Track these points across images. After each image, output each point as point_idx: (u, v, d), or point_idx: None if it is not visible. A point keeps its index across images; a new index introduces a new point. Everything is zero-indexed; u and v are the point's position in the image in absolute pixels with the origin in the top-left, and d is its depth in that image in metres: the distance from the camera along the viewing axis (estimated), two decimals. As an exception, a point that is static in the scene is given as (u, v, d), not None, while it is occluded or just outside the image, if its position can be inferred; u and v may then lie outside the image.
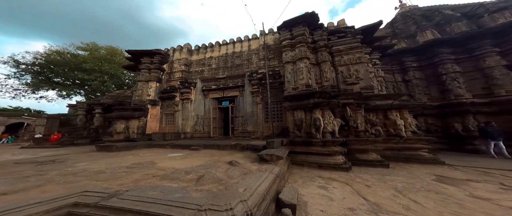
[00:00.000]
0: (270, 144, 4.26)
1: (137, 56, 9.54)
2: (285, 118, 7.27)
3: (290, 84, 6.53)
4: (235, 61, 9.78)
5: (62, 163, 3.76)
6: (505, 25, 8.00)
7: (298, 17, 6.61)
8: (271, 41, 9.11)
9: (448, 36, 9.52)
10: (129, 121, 7.72)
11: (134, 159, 4.05)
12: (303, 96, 5.11)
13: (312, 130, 4.45)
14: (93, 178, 2.40)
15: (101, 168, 3.04)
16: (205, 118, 9.64)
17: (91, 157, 4.47)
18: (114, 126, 7.71)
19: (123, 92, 17.05)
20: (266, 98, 7.89)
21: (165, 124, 9.64)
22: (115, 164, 3.41)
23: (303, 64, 6.22)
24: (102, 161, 3.82)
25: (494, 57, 8.40)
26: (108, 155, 4.94)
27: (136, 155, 4.67)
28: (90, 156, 4.70)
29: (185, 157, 4.23)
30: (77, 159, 4.23)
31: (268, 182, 2.22)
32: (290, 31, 6.99)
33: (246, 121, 8.59)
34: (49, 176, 2.57)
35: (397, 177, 3.36)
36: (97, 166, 3.29)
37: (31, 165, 3.48)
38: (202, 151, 5.13)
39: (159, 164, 3.32)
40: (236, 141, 6.74)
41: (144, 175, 2.51)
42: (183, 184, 2.11)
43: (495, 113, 7.49)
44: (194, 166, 3.09)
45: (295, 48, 6.73)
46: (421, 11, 12.20)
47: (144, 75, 9.15)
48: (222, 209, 1.43)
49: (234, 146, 5.27)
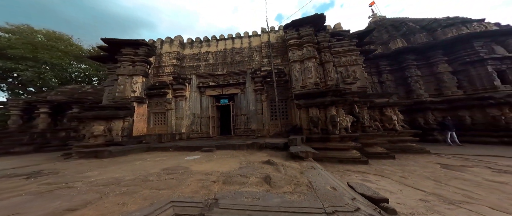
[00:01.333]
0: (292, 141, 4.07)
1: (115, 47, 7.78)
2: (292, 116, 7.21)
3: (298, 82, 6.46)
4: (235, 58, 9.13)
5: (60, 174, 2.86)
6: (452, 39, 9.86)
7: (306, 18, 6.55)
8: (273, 39, 8.85)
9: (412, 45, 11.20)
10: (111, 122, 6.23)
11: (153, 164, 3.36)
12: (317, 94, 5.09)
13: (329, 127, 4.48)
14: (147, 187, 1.96)
15: (132, 176, 2.47)
16: (202, 116, 8.74)
17: (88, 166, 3.45)
18: (88, 128, 6.09)
19: (80, 87, 13.91)
20: (271, 96, 7.64)
21: (153, 124, 8.28)
22: (141, 171, 2.79)
23: (311, 63, 6.22)
24: (113, 168, 3.08)
25: (443, 64, 10.28)
26: (104, 162, 3.90)
27: (148, 160, 3.85)
28: (81, 165, 3.62)
29: (209, 159, 3.65)
30: (70, 168, 3.25)
31: (336, 179, 2.02)
32: (297, 30, 6.88)
33: (249, 119, 8.17)
34: (85, 189, 2.01)
35: (412, 167, 3.68)
36: (120, 174, 2.66)
37: (22, 180, 2.60)
38: (218, 152, 4.55)
39: (193, 168, 2.82)
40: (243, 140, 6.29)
41: (200, 181, 2.11)
42: (259, 187, 1.80)
43: (446, 109, 9.22)
44: (235, 168, 2.71)
45: (302, 48, 6.67)
46: (390, 22, 14.00)
47: (127, 69, 7.56)
48: (349, 210, 1.22)
49: (251, 145, 4.87)
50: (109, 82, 8.90)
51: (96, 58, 9.17)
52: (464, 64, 9.62)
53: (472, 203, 2.11)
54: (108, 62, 9.16)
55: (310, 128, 4.95)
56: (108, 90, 8.78)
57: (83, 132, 6.12)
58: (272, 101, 7.70)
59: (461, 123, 8.18)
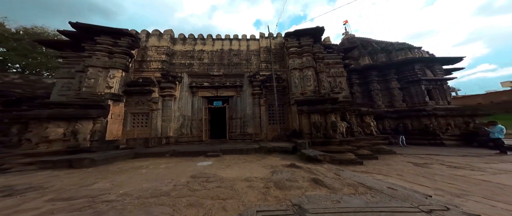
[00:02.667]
0: (301, 145, 4.19)
1: (87, 33, 6.12)
2: (289, 120, 7.40)
3: (298, 89, 6.73)
4: (232, 59, 8.73)
5: (57, 189, 2.19)
6: (401, 61, 12.48)
7: (308, 29, 6.95)
8: (273, 45, 8.96)
9: (375, 63, 13.60)
10: (75, 123, 4.75)
11: (168, 172, 2.89)
12: (318, 101, 5.43)
13: (330, 131, 4.85)
14: (206, 197, 1.75)
15: (166, 186, 2.12)
16: (194, 119, 7.89)
17: (77, 178, 2.70)
18: (37, 130, 4.48)
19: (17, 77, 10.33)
20: (270, 100, 7.66)
21: (131, 126, 6.87)
22: (166, 180, 2.40)
23: (310, 72, 6.61)
24: (123, 179, 2.54)
25: (394, 81, 12.87)
26: (95, 172, 3.10)
27: (151, 168, 3.29)
28: (58, 177, 2.75)
29: (227, 164, 3.35)
30: (55, 182, 2.48)
31: (372, 179, 2.16)
32: (298, 40, 7.21)
33: (246, 122, 7.91)
34: (136, 203, 1.64)
35: (397, 166, 4.33)
36: (146, 184, 2.26)
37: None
38: (227, 157, 4.20)
39: (224, 175, 2.55)
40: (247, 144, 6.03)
41: (251, 187, 1.94)
42: (319, 190, 1.77)
43: (395, 118, 11.52)
44: (267, 172, 2.62)
45: (302, 57, 7.02)
46: (359, 40, 16.59)
47: (101, 60, 6.03)
48: (442, 209, 1.28)
49: (259, 149, 4.71)
50: (62, 73, 6.91)
51: (49, 43, 6.94)
52: (407, 83, 12.32)
53: (469, 195, 2.37)
54: (65, 50, 7.11)
55: (311, 132, 5.21)
56: (62, 83, 6.78)
57: (28, 135, 4.43)
58: (270, 105, 7.73)
59: (406, 129, 10.40)
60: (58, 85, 6.73)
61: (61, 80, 6.79)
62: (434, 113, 9.78)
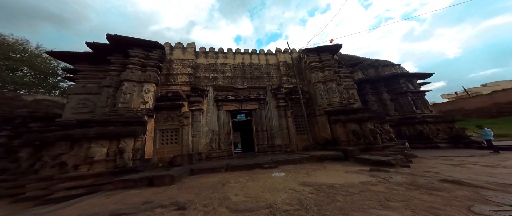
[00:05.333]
0: (353, 152, 4.71)
1: (118, 45, 6.00)
2: (315, 130, 7.98)
3: (324, 100, 7.50)
4: (254, 73, 9.26)
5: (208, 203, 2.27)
6: (389, 75, 14.77)
7: (327, 46, 8.09)
8: (289, 60, 9.87)
9: (368, 77, 15.76)
10: (118, 142, 4.41)
11: (260, 185, 2.99)
12: (349, 111, 6.20)
13: (370, 138, 5.54)
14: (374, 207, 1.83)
15: (304, 197, 2.24)
16: (221, 133, 7.85)
17: (188, 192, 2.73)
18: (78, 151, 4.04)
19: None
20: (296, 112, 8.22)
21: (160, 143, 6.49)
22: (289, 193, 2.50)
23: (334, 84, 7.53)
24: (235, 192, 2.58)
25: (385, 93, 15.00)
26: (188, 188, 3.09)
27: (233, 183, 3.26)
28: (178, 192, 2.72)
29: (306, 173, 3.56)
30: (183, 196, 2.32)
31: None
32: (318, 55, 8.24)
33: (273, 134, 8.20)
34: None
35: (443, 166, 4.77)
36: (268, 195, 2.39)
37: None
38: (288, 167, 4.46)
39: (327, 182, 2.81)
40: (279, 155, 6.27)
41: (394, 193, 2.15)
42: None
43: (393, 126, 13.21)
44: (365, 177, 2.86)
45: (324, 70, 7.98)
46: (347, 57, 19.06)
47: (136, 74, 5.86)
48: None
49: (310, 158, 5.05)
50: (77, 88, 6.40)
51: (62, 55, 6.44)
52: (396, 94, 14.52)
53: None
54: (79, 63, 6.70)
55: (349, 140, 5.82)
56: (77, 100, 6.23)
57: (64, 158, 3.94)
58: (296, 117, 8.28)
59: (402, 135, 12.04)
60: (72, 102, 6.12)
61: (76, 96, 6.22)
62: (425, 120, 11.64)
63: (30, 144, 4.52)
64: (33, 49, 16.71)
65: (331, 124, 6.64)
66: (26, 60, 15.55)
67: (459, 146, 9.88)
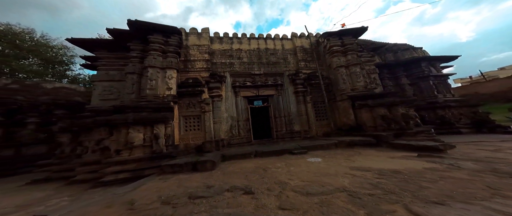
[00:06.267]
0: (387, 137, 4.67)
1: (137, 31, 5.85)
2: (336, 116, 7.91)
3: (346, 85, 7.27)
4: (270, 58, 8.98)
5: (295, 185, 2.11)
6: (410, 60, 13.93)
7: (351, 29, 7.56)
8: (306, 44, 9.42)
9: (387, 62, 14.94)
10: (152, 128, 4.58)
11: (312, 169, 3.01)
12: (378, 95, 6.00)
13: (401, 123, 5.43)
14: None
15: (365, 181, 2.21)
16: (239, 119, 7.95)
17: (240, 177, 2.60)
18: (118, 137, 4.25)
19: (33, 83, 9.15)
20: (316, 98, 8.09)
21: (184, 130, 6.72)
22: (335, 176, 2.49)
23: (358, 69, 7.21)
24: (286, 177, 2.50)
25: (404, 78, 14.31)
26: (231, 173, 3.17)
27: (280, 168, 3.32)
28: (229, 177, 2.78)
29: (347, 159, 3.59)
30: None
31: None
32: (341, 39, 7.77)
33: (292, 120, 8.22)
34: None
35: (484, 153, 4.80)
36: (327, 179, 2.28)
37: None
38: (319, 153, 4.51)
39: (386, 168, 2.71)
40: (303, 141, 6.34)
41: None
42: None
43: (416, 110, 12.80)
44: (422, 166, 2.79)
45: (346, 55, 7.59)
46: (362, 41, 17.91)
47: (158, 60, 5.81)
48: None
49: (338, 144, 5.08)
50: (101, 75, 6.48)
51: (81, 42, 6.40)
52: (416, 79, 13.83)
53: None
54: (99, 50, 6.66)
55: (376, 125, 5.75)
56: (102, 87, 6.36)
57: (107, 143, 4.17)
58: (316, 102, 8.17)
59: (423, 120, 11.72)
60: (98, 89, 6.27)
61: (100, 83, 6.35)
62: (447, 104, 11.18)
63: (68, 129, 4.78)
64: (39, 38, 16.56)
65: (355, 109, 6.51)
66: (33, 49, 15.56)
67: (482, 131, 9.57)
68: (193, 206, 1.90)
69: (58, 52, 17.33)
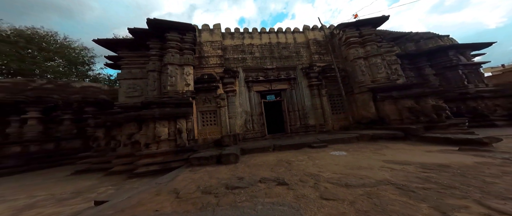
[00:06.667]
0: (417, 130, 4.37)
1: (155, 29, 6.08)
2: (354, 109, 7.59)
3: (365, 77, 6.90)
4: (282, 52, 8.81)
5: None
6: (435, 48, 12.77)
7: (370, 19, 7.09)
8: (320, 37, 9.07)
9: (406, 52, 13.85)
10: (175, 123, 4.81)
11: (342, 162, 2.92)
12: (403, 86, 5.61)
13: (432, 115, 5.04)
14: None
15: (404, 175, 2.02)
16: (253, 114, 8.00)
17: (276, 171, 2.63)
18: (146, 131, 4.53)
19: (27, 82, 9.71)
20: (331, 91, 7.83)
21: (202, 125, 6.95)
22: (369, 169, 2.34)
23: (379, 60, 6.78)
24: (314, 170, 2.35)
25: (428, 68, 13.17)
26: (256, 165, 3.17)
27: (325, 159, 3.30)
28: (258, 169, 2.76)
29: (376, 152, 3.45)
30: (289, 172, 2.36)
31: None
32: (358, 29, 7.34)
33: (306, 114, 8.07)
34: None
35: None
36: (365, 172, 2.09)
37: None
38: (341, 146, 4.37)
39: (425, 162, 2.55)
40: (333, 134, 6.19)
41: None
42: None
43: (444, 101, 11.76)
44: (476, 161, 2.56)
45: (365, 45, 7.17)
46: (380, 32, 16.73)
47: (176, 57, 6.02)
48: None
49: (360, 137, 4.89)
50: (125, 74, 6.86)
51: (105, 42, 6.83)
52: (442, 69, 12.65)
53: None
54: (121, 50, 7.04)
55: (402, 118, 5.40)
56: (127, 85, 6.74)
57: (137, 137, 4.47)
58: (332, 95, 7.91)
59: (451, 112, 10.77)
60: (123, 87, 6.68)
61: (125, 81, 6.75)
62: (480, 95, 10.13)
63: (102, 125, 5.20)
64: (62, 40, 17.69)
65: (377, 102, 6.17)
66: (58, 51, 16.71)
67: (523, 124, 8.54)
68: (233, 196, 1.97)
69: (79, 53, 18.55)
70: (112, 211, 1.80)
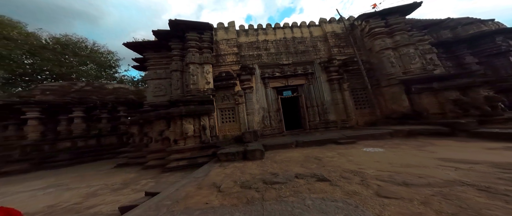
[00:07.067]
0: (468, 125, 3.79)
1: (176, 30, 6.39)
2: (381, 103, 6.97)
3: (395, 68, 6.26)
4: (298, 47, 8.52)
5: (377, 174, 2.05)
6: (477, 34, 11.04)
7: (399, 6, 6.48)
8: (338, 29, 8.57)
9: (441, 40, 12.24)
10: (199, 120, 4.98)
11: (382, 159, 2.67)
12: (447, 77, 4.92)
13: (484, 108, 4.34)
14: None
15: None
16: (270, 110, 7.89)
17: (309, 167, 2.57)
18: (175, 128, 4.78)
19: (71, 85, 10.83)
20: (354, 85, 7.31)
21: (221, 122, 7.09)
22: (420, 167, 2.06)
23: (412, 49, 6.10)
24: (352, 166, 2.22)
25: (469, 56, 11.43)
26: (284, 161, 3.03)
27: (331, 156, 3.11)
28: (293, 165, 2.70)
29: (420, 148, 3.09)
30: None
31: None
32: (384, 19, 6.71)
33: (326, 110, 7.68)
34: None
35: None
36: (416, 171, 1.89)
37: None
38: (369, 143, 4.01)
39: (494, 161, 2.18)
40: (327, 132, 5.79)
41: None
42: None
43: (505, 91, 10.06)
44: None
45: (394, 35, 6.52)
46: (407, 20, 15.07)
47: (196, 56, 6.25)
48: None
49: (393, 133, 4.44)
50: (151, 75, 7.32)
51: (134, 45, 7.42)
52: (486, 56, 10.87)
53: None
54: (147, 51, 7.54)
55: (445, 112, 4.74)
56: (153, 85, 7.19)
57: (167, 133, 4.75)
58: (354, 90, 7.38)
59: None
60: (150, 87, 7.17)
61: (152, 82, 7.23)
62: (540, 85, 8.43)
63: (136, 122, 5.65)
64: (91, 46, 19.37)
65: (411, 94, 5.53)
66: (89, 55, 18.40)
67: None
68: (275, 191, 1.92)
69: (106, 57, 20.41)
70: (170, 202, 1.90)
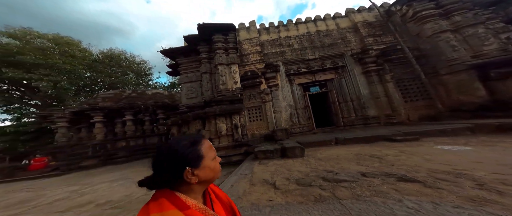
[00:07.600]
0: None
1: (203, 33, 6.70)
2: (440, 94, 5.77)
3: (459, 53, 5.15)
4: (324, 41, 7.96)
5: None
6: None
7: None
8: (371, 18, 7.77)
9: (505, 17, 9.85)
10: (231, 119, 4.90)
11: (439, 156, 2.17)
12: None
13: None
14: None
15: None
16: (298, 108, 7.39)
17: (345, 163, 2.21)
18: (209, 127, 4.79)
19: (121, 92, 12.60)
20: (401, 74, 6.32)
21: (249, 120, 6.92)
22: None
23: (481, 29, 5.05)
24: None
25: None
26: (324, 159, 2.72)
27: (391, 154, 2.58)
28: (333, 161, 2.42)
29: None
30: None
31: None
32: (432, 0, 5.71)
33: (363, 104, 6.78)
34: None
35: None
36: None
37: None
38: (439, 140, 3.23)
39: None
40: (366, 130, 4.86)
41: None
42: None
43: None
44: None
45: (452, 16, 5.49)
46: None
47: (223, 57, 6.37)
48: None
49: (474, 128, 3.54)
50: (184, 78, 7.73)
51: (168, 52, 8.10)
52: None
53: None
54: (179, 57, 8.08)
55: None
56: (186, 88, 7.58)
57: (203, 132, 4.79)
58: (400, 80, 6.35)
59: None
60: (184, 90, 7.59)
61: (185, 85, 7.63)
62: None
63: (176, 123, 5.96)
64: (129, 57, 22.34)
65: (489, 81, 4.36)
66: (129, 66, 21.39)
67: None
68: (346, 190, 1.64)
69: (141, 66, 23.14)
70: (233, 198, 1.81)
